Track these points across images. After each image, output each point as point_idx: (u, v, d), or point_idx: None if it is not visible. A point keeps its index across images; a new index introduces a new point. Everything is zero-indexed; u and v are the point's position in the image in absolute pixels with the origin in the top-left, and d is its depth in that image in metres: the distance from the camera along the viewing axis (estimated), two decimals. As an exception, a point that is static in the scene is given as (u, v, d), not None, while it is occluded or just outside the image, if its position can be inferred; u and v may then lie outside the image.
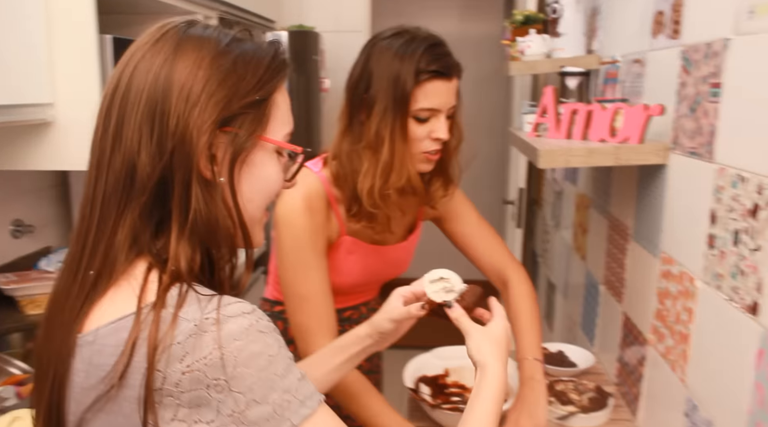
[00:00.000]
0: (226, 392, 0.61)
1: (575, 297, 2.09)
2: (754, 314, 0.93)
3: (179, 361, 0.60)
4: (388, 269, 1.43)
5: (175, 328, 0.61)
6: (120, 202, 0.66)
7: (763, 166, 0.91)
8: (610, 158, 1.29)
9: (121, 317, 0.64)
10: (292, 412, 0.63)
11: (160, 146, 0.65)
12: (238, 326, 0.62)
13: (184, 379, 0.60)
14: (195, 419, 0.61)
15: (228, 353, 0.61)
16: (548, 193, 2.62)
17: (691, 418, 1.14)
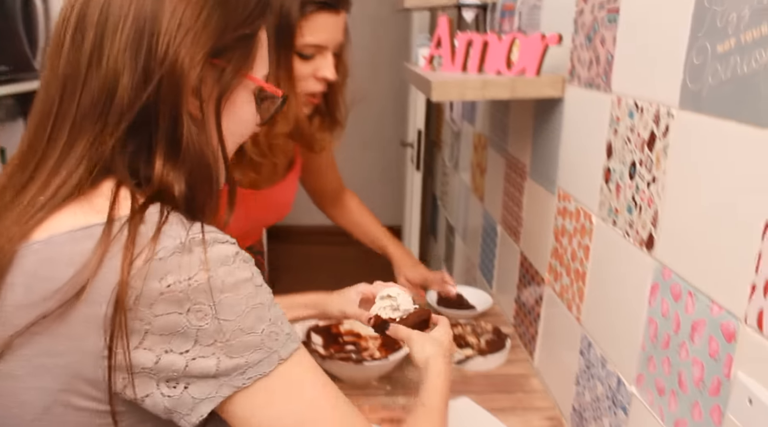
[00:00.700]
0: (210, 319, 0.55)
1: (474, 239, 2.07)
2: (649, 248, 0.90)
3: (159, 279, 0.54)
4: (272, 212, 1.33)
5: (158, 242, 0.55)
6: (94, 124, 0.59)
7: (661, 94, 0.86)
8: (506, 91, 1.22)
9: (85, 226, 0.57)
10: (280, 345, 0.60)
11: (146, 73, 0.58)
12: (226, 250, 0.58)
13: (160, 300, 0.54)
14: (165, 349, 0.55)
15: (216, 276, 0.55)
16: (447, 134, 2.57)
17: (586, 356, 1.13)
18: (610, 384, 1.03)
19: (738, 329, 0.70)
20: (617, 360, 1.01)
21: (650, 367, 0.90)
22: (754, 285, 0.67)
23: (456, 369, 1.41)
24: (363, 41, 4.41)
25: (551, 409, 1.27)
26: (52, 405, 0.56)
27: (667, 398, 0.85)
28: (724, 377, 0.73)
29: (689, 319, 0.80)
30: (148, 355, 0.55)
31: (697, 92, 0.78)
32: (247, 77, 0.67)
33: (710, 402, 0.75)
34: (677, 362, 0.83)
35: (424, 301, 1.60)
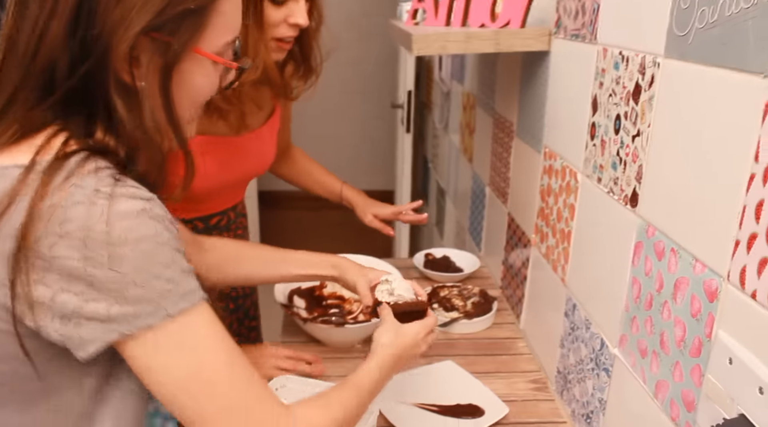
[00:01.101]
0: (104, 269, 0.58)
1: (463, 201, 2.03)
2: (633, 205, 0.87)
3: (59, 224, 0.57)
4: (250, 163, 1.28)
5: (65, 190, 0.58)
6: (32, 91, 0.62)
7: (647, 43, 0.82)
8: (489, 44, 1.17)
9: (11, 165, 0.60)
10: (169, 302, 0.61)
11: (82, 47, 0.60)
12: (131, 206, 0.59)
13: (60, 243, 0.57)
14: (62, 287, 0.58)
15: (114, 230, 0.58)
16: (437, 94, 2.51)
17: (571, 318, 1.10)
18: (593, 346, 1.01)
19: (720, 287, 0.67)
20: (601, 322, 0.98)
21: (633, 328, 0.87)
22: (738, 241, 0.64)
23: (441, 332, 1.39)
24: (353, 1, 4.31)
25: (537, 372, 1.25)
26: None
27: (649, 359, 0.83)
28: (705, 337, 0.70)
29: (672, 278, 0.77)
30: (46, 291, 0.58)
31: (684, 38, 0.73)
32: (195, 51, 0.66)
33: (691, 363, 0.73)
34: (659, 322, 0.80)
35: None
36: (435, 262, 1.66)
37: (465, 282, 1.58)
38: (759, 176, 0.61)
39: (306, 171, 1.58)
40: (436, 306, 1.44)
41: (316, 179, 1.58)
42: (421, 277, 1.63)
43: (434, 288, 1.51)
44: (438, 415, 1.10)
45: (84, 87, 0.62)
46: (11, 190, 0.58)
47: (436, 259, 1.67)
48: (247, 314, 1.44)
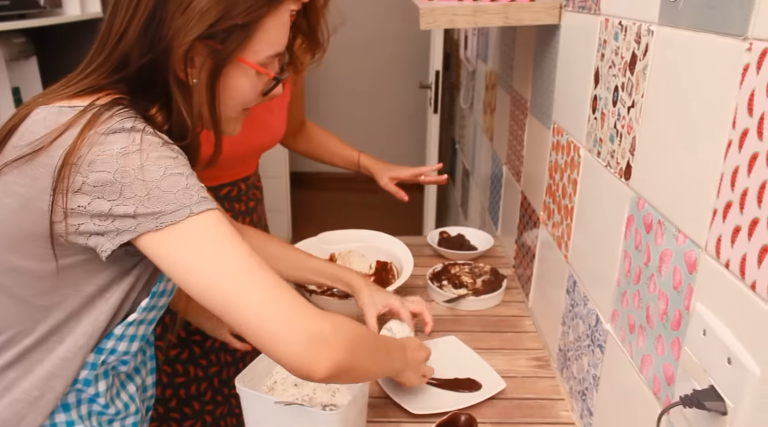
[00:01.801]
0: (133, 178, 0.69)
1: (484, 181, 2.02)
2: (626, 178, 0.85)
3: (99, 146, 0.69)
4: (260, 135, 1.30)
5: (108, 123, 0.71)
6: (111, 71, 0.78)
7: (642, 11, 0.80)
8: (498, 18, 1.15)
9: (71, 106, 0.74)
10: (193, 202, 0.71)
11: (151, 43, 0.75)
12: (158, 139, 0.72)
13: (97, 160, 0.69)
14: (97, 195, 0.69)
15: (143, 152, 0.70)
16: (464, 75, 2.49)
17: (571, 295, 1.09)
18: (590, 322, 1.00)
19: (699, 258, 0.66)
20: (596, 297, 0.97)
21: (623, 303, 0.86)
22: (716, 210, 0.63)
23: (448, 308, 1.39)
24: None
25: (540, 350, 1.25)
26: (8, 218, 0.74)
27: (636, 334, 0.82)
28: (685, 309, 0.69)
29: (658, 250, 0.75)
30: (84, 198, 0.70)
31: (674, 4, 0.71)
32: (239, 59, 0.79)
33: (672, 336, 0.72)
34: (646, 296, 0.79)
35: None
36: (449, 240, 1.66)
37: (478, 260, 1.57)
38: (735, 143, 0.59)
39: (323, 144, 1.59)
40: (445, 283, 1.45)
41: (333, 151, 1.59)
42: (434, 254, 1.63)
43: (445, 265, 1.51)
44: (435, 388, 1.10)
45: (148, 75, 0.76)
46: (68, 121, 0.71)
47: (450, 237, 1.67)
48: None
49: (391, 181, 1.51)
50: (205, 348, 1.37)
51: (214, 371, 1.38)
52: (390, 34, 4.34)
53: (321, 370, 0.72)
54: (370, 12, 4.29)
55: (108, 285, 0.78)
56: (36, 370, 0.78)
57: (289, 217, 3.68)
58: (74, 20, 2.13)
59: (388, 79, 4.47)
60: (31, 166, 0.72)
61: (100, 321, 0.79)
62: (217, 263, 0.71)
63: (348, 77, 4.49)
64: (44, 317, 0.77)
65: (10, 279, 0.76)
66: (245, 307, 0.71)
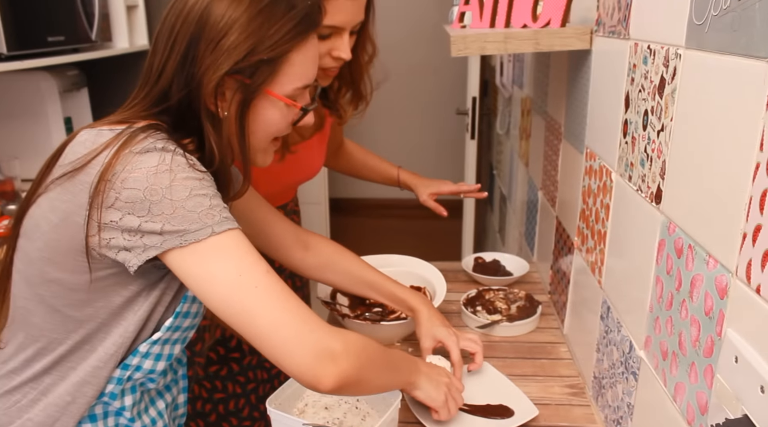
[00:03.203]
0: (161, 197, 0.73)
1: (521, 207, 2.01)
2: (657, 202, 0.84)
3: (132, 165, 0.74)
4: (299, 172, 1.35)
5: (141, 144, 0.75)
6: (152, 105, 0.84)
7: (670, 35, 0.80)
8: (529, 44, 1.16)
9: (110, 128, 0.80)
10: (215, 222, 0.76)
11: (186, 79, 0.81)
12: (186, 161, 0.76)
13: (130, 179, 0.73)
14: (128, 211, 0.74)
15: (172, 172, 0.74)
16: (500, 101, 2.50)
17: (605, 321, 1.07)
18: (623, 349, 0.98)
19: (730, 283, 0.64)
20: (629, 323, 0.96)
21: (656, 329, 0.84)
22: (745, 234, 0.61)
23: (482, 334, 1.38)
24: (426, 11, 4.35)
25: (575, 377, 1.22)
26: (49, 232, 0.79)
27: (669, 361, 0.80)
28: (717, 335, 0.67)
29: (689, 275, 0.74)
30: (116, 213, 0.74)
31: (701, 27, 0.71)
32: (267, 92, 0.83)
33: (704, 363, 0.70)
34: (678, 322, 0.77)
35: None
36: (484, 265, 1.65)
37: (513, 286, 1.56)
38: (763, 165, 0.58)
39: (362, 161, 1.63)
40: (479, 308, 1.44)
41: (372, 168, 1.62)
42: (469, 280, 1.62)
43: (479, 291, 1.50)
44: (466, 414, 1.09)
45: (185, 109, 0.82)
46: (106, 142, 0.77)
47: (485, 262, 1.66)
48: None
49: (431, 196, 1.53)
50: (243, 365, 1.39)
51: (251, 388, 1.41)
52: (429, 63, 4.39)
53: (328, 383, 0.77)
54: (411, 41, 4.36)
55: (135, 297, 0.83)
56: (70, 377, 0.83)
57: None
58: (123, 53, 2.22)
59: (427, 106, 4.51)
60: (72, 183, 0.77)
61: (129, 332, 0.83)
62: (234, 278, 0.75)
63: (388, 104, 4.55)
64: (77, 327, 0.82)
65: (47, 290, 0.81)
66: (258, 320, 0.75)
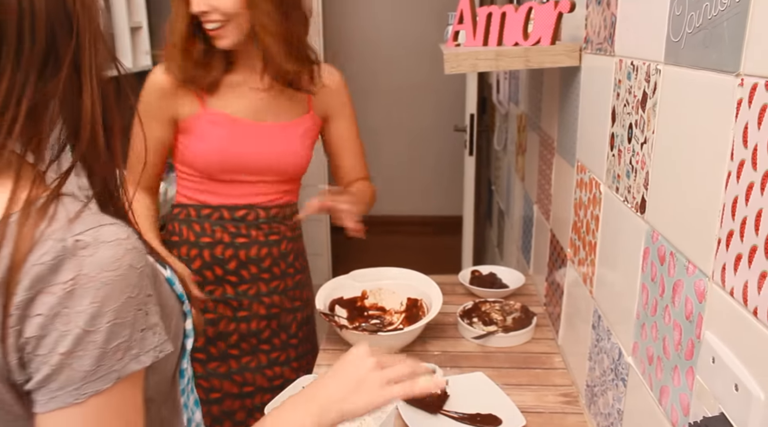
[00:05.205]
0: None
1: (517, 221, 2.04)
2: (642, 212, 0.87)
3: (42, 281, 0.54)
4: (265, 151, 1.36)
5: (40, 247, 0.55)
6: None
7: (650, 51, 0.83)
8: (519, 61, 1.20)
9: None
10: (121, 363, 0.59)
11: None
12: (111, 254, 0.57)
13: (39, 299, 0.55)
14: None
15: (92, 283, 0.56)
16: (498, 118, 2.54)
17: (597, 330, 1.10)
18: (613, 356, 1.00)
19: (707, 287, 0.67)
20: (618, 331, 0.98)
21: (642, 335, 0.87)
22: (720, 239, 0.64)
23: (478, 344, 1.40)
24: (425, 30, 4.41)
25: (569, 386, 1.24)
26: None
27: (655, 365, 0.82)
28: (696, 338, 0.70)
29: (671, 281, 0.77)
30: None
31: (678, 44, 0.75)
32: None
33: (686, 365, 0.72)
34: (662, 327, 0.80)
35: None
36: (481, 278, 1.68)
37: (509, 298, 1.58)
38: (734, 174, 0.61)
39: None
40: (475, 320, 1.46)
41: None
42: (466, 293, 1.65)
43: (476, 303, 1.53)
44: (456, 422, 1.11)
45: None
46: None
47: (482, 275, 1.69)
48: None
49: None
50: (242, 364, 1.43)
51: (248, 391, 1.43)
52: (428, 81, 4.46)
53: None
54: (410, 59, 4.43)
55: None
56: None
57: (330, 260, 3.73)
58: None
59: (426, 123, 4.57)
60: None
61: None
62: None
63: (388, 121, 4.61)
64: None
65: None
66: None
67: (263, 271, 1.42)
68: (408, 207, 4.70)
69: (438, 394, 1.14)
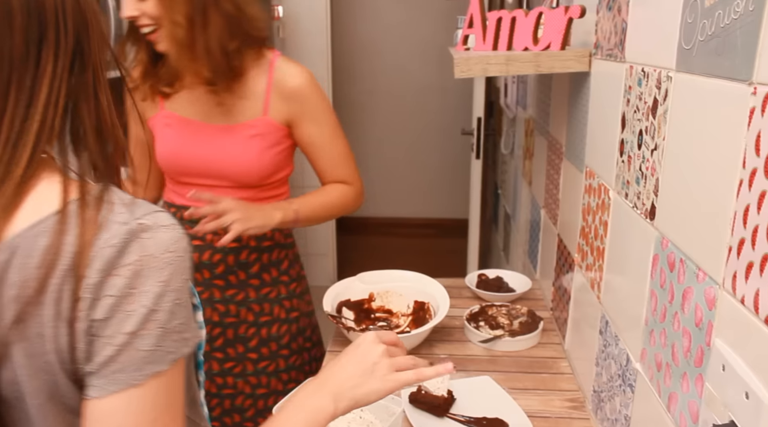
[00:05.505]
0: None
1: (524, 225, 2.04)
2: (651, 218, 0.87)
3: (111, 264, 0.57)
4: (213, 153, 1.32)
5: (107, 230, 0.57)
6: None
7: (662, 58, 0.83)
8: (529, 66, 1.20)
9: (39, 219, 0.57)
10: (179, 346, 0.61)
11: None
12: (170, 236, 0.60)
13: (109, 282, 0.57)
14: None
15: (156, 263, 0.58)
16: (505, 121, 2.54)
17: (605, 335, 1.10)
18: (621, 362, 1.00)
19: (717, 294, 0.67)
20: (626, 337, 0.98)
21: (651, 341, 0.87)
22: (730, 247, 0.64)
23: (484, 348, 1.40)
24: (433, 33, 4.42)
25: (575, 391, 1.24)
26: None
27: (663, 372, 0.82)
28: (706, 345, 0.70)
29: (681, 288, 0.77)
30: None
31: (689, 52, 0.75)
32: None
33: (695, 372, 0.72)
34: (671, 334, 0.80)
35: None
36: (487, 282, 1.68)
37: (515, 302, 1.59)
38: (746, 182, 0.62)
39: None
40: (482, 323, 1.46)
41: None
42: (473, 296, 1.65)
43: (482, 307, 1.53)
44: (462, 425, 1.12)
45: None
46: (53, 247, 0.56)
47: (488, 279, 1.69)
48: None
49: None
50: (258, 369, 1.43)
51: (261, 393, 1.44)
52: (436, 84, 4.47)
53: None
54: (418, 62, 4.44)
55: None
56: None
57: (335, 261, 3.74)
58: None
59: (433, 126, 4.58)
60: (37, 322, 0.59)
61: None
62: None
63: (395, 124, 4.62)
64: None
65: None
66: None
67: (251, 277, 1.42)
68: (411, 209, 4.70)
69: (445, 397, 1.14)
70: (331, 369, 0.80)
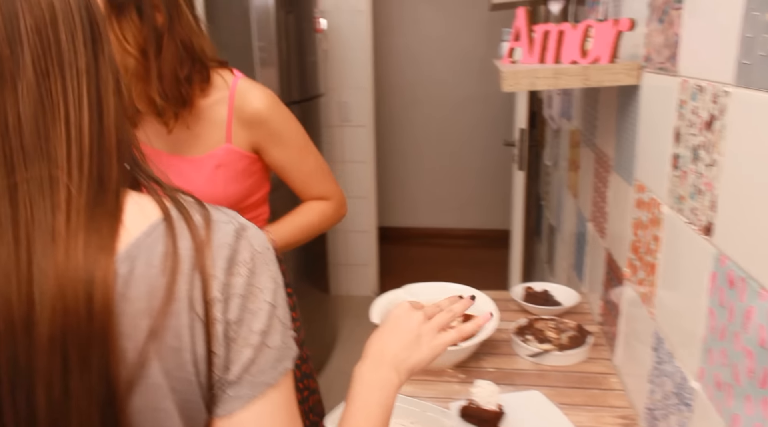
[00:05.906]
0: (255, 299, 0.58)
1: (570, 238, 2.02)
2: (708, 235, 0.86)
3: (232, 262, 0.57)
4: (181, 185, 1.26)
5: (218, 230, 0.57)
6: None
7: (718, 72, 0.82)
8: (578, 79, 1.20)
9: (150, 226, 0.57)
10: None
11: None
12: (261, 234, 0.61)
13: (233, 281, 0.57)
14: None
15: (263, 258, 0.59)
16: (548, 133, 2.52)
17: (658, 352, 1.08)
18: (676, 380, 0.99)
19: (782, 314, 0.66)
20: (682, 354, 0.96)
21: (709, 360, 0.86)
22: (796, 266, 0.63)
23: (532, 362, 1.39)
24: (475, 44, 4.43)
25: (627, 408, 1.22)
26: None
27: (724, 392, 0.81)
28: (770, 366, 0.68)
29: (743, 307, 0.75)
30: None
31: (750, 67, 0.74)
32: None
33: (760, 394, 0.71)
34: (732, 353, 0.78)
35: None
36: (534, 295, 1.67)
37: (563, 316, 1.57)
38: (812, 200, 0.60)
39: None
40: (529, 337, 1.45)
41: None
42: (519, 309, 1.64)
43: (530, 320, 1.52)
44: (517, 441, 1.11)
45: None
46: (171, 251, 0.55)
47: (535, 292, 1.68)
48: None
49: None
50: (303, 371, 1.44)
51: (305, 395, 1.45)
52: (477, 95, 4.46)
53: None
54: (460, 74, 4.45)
55: None
56: None
57: (377, 271, 3.76)
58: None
59: (474, 137, 4.57)
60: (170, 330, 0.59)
61: None
62: None
63: (436, 135, 4.63)
64: None
65: None
66: None
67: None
68: (452, 219, 4.69)
69: (495, 411, 1.14)
70: (377, 345, 0.81)
